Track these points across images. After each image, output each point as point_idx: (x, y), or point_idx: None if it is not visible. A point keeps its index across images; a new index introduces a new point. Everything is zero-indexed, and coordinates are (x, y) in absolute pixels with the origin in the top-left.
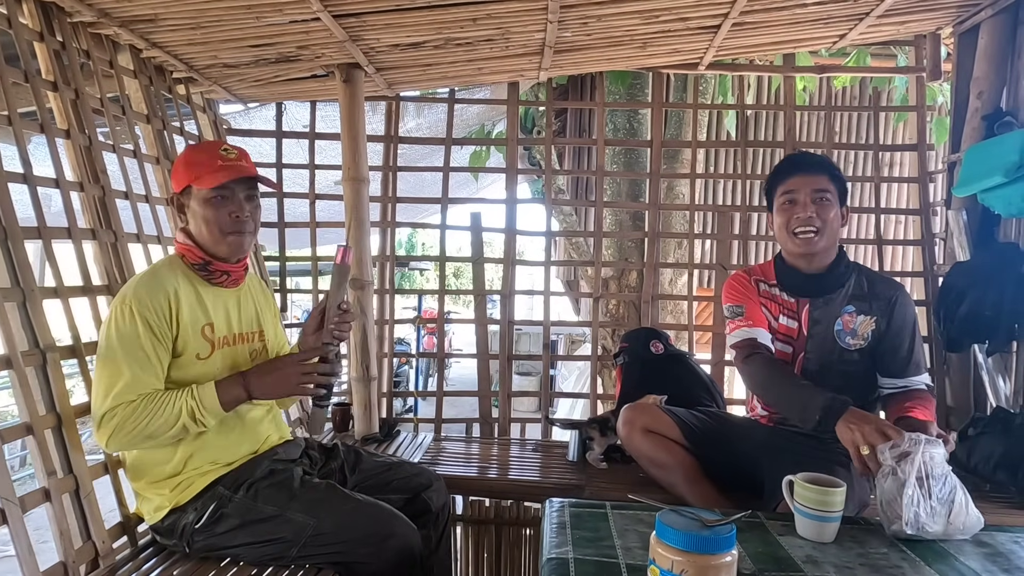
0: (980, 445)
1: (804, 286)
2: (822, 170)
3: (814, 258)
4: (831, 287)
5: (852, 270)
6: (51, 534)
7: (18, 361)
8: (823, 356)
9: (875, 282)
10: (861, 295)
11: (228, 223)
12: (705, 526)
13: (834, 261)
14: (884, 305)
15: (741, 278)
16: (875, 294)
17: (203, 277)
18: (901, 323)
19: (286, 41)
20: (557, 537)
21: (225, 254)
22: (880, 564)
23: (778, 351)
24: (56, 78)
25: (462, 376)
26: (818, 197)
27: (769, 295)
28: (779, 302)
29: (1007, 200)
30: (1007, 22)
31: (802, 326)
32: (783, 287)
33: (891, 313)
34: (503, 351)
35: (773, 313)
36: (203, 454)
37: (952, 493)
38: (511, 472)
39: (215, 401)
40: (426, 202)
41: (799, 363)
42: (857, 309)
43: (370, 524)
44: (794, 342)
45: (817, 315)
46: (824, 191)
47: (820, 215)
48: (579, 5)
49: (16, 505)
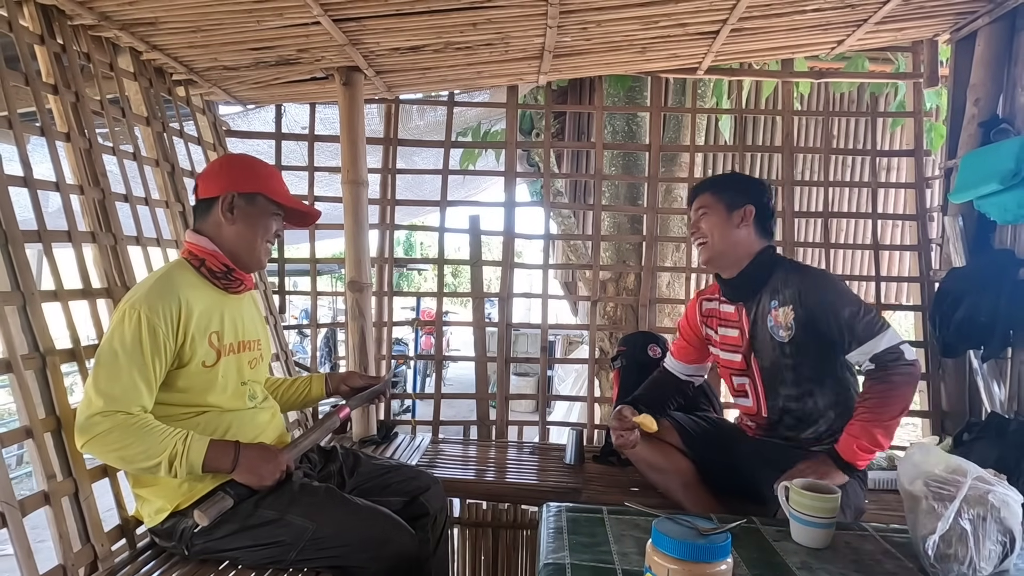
0: (975, 450)
1: (732, 291)
2: (705, 190)
3: (717, 264)
4: (754, 287)
5: (774, 267)
6: (48, 535)
7: (18, 365)
8: (769, 354)
9: (790, 272)
10: (780, 288)
11: (273, 238)
12: (700, 534)
13: (750, 263)
14: (794, 293)
15: (691, 305)
16: (788, 284)
17: (220, 285)
18: (815, 303)
19: (286, 44)
20: (554, 542)
21: (252, 265)
22: (874, 571)
23: (727, 361)
24: (56, 80)
25: (460, 377)
26: (700, 214)
27: (711, 311)
28: (720, 316)
29: (1003, 207)
30: (1004, 29)
31: (744, 331)
32: (724, 297)
33: (800, 298)
34: (501, 353)
35: (713, 327)
36: None
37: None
38: (508, 475)
39: (200, 457)
40: (425, 204)
41: (754, 365)
42: (779, 302)
43: (368, 529)
44: (740, 348)
45: (753, 316)
46: (702, 207)
47: (701, 228)
48: (579, 11)
49: (16, 508)
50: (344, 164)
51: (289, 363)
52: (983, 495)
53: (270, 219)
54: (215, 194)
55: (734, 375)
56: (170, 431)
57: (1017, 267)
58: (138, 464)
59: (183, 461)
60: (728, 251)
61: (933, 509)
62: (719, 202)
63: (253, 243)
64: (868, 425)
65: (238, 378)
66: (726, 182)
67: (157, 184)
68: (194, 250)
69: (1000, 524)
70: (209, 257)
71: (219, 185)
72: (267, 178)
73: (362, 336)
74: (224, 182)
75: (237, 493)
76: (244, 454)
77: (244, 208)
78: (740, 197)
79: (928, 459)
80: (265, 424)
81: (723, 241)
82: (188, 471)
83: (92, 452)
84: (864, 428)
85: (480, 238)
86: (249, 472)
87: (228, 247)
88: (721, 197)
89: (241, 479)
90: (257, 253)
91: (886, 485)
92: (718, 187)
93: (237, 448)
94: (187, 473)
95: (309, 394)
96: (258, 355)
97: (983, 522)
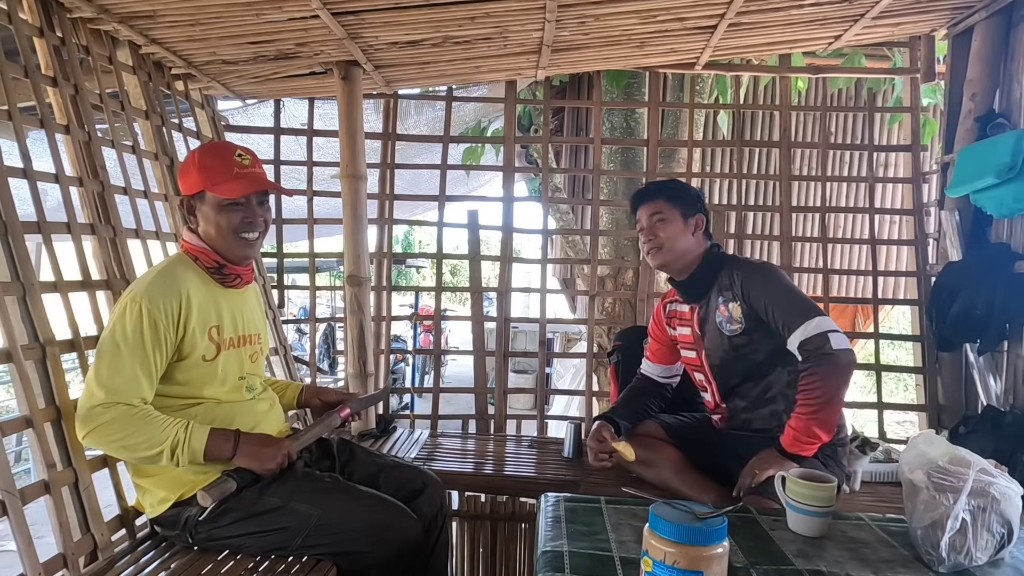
0: (971, 443)
1: (684, 293)
2: (659, 196)
3: (670, 269)
4: (704, 286)
5: (722, 265)
6: (48, 529)
7: (18, 355)
8: (718, 349)
9: (734, 269)
10: (727, 284)
11: (242, 227)
12: (697, 518)
13: (699, 265)
14: (739, 288)
15: (658, 308)
16: (733, 280)
17: (217, 280)
18: (755, 296)
19: (285, 38)
20: (552, 531)
21: (238, 258)
22: (870, 558)
23: (686, 358)
24: (56, 73)
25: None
26: (655, 220)
27: (672, 312)
28: (678, 316)
29: (999, 201)
30: (1000, 24)
31: (695, 328)
32: (680, 297)
33: (743, 293)
34: (499, 348)
35: (674, 327)
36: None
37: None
38: (507, 468)
39: (201, 445)
40: (424, 199)
41: (704, 361)
42: (725, 298)
43: (372, 515)
44: (694, 345)
45: (703, 314)
46: (658, 212)
47: (659, 234)
48: (577, 5)
49: (16, 497)
50: (343, 158)
51: (288, 358)
52: (985, 487)
53: (227, 212)
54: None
55: (694, 371)
56: (171, 420)
57: (1013, 261)
58: (140, 453)
59: (185, 449)
60: (682, 256)
61: (934, 499)
62: (674, 209)
63: (227, 237)
64: (804, 419)
65: (238, 372)
66: (678, 191)
67: (156, 178)
68: (188, 248)
69: (1000, 516)
70: (201, 255)
71: (182, 189)
72: (209, 171)
73: (361, 330)
74: (181, 186)
75: (241, 478)
76: (244, 440)
77: (201, 208)
78: (692, 207)
79: (932, 449)
80: (263, 414)
81: (680, 247)
82: (190, 459)
83: (94, 443)
84: (800, 421)
85: (479, 233)
86: (250, 457)
87: (210, 244)
88: (675, 205)
89: (243, 464)
90: (231, 246)
91: (882, 478)
92: (671, 195)
93: (237, 436)
94: (189, 461)
95: (281, 399)
96: (258, 348)
97: (983, 513)
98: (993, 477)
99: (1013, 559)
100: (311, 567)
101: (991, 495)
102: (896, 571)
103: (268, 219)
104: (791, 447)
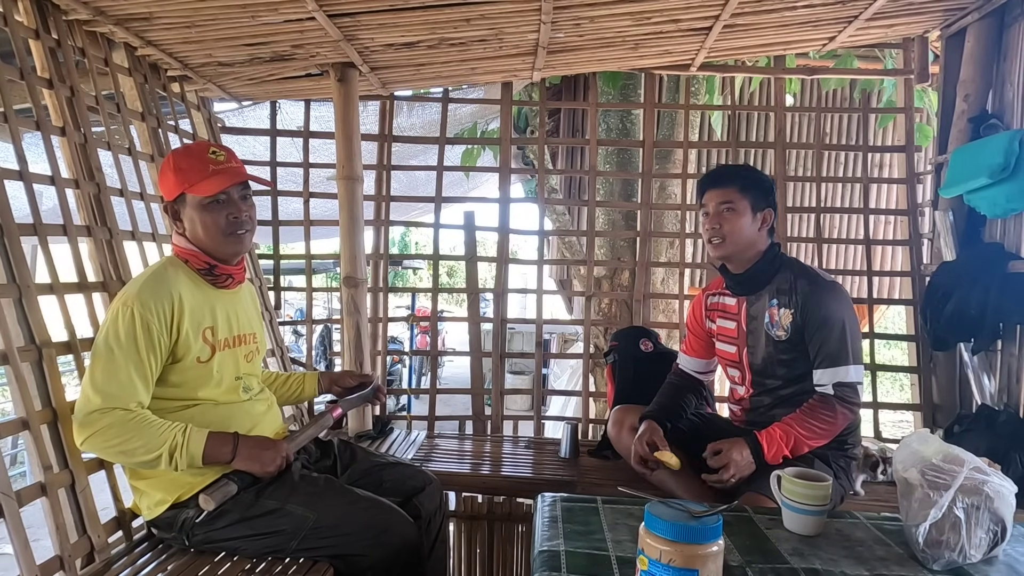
0: (965, 442)
1: (736, 285)
2: (731, 183)
3: (730, 261)
4: (759, 284)
5: (781, 266)
6: (44, 531)
7: (14, 357)
8: (761, 349)
9: (799, 277)
10: (785, 289)
11: (228, 225)
12: (692, 516)
13: (759, 261)
14: (801, 299)
15: (698, 300)
16: (795, 288)
17: (208, 281)
18: (814, 317)
19: (281, 40)
20: (549, 530)
21: (227, 256)
22: (865, 556)
23: (721, 351)
24: (51, 75)
25: (455, 375)
26: (723, 209)
27: (715, 305)
28: (721, 308)
29: (992, 201)
30: (993, 26)
31: (741, 323)
32: (729, 288)
33: (804, 307)
34: (496, 349)
35: (714, 320)
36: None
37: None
38: (504, 468)
39: (199, 448)
40: (420, 201)
41: (745, 359)
42: (780, 303)
43: (368, 518)
44: (735, 340)
45: (752, 311)
46: (728, 203)
47: (723, 225)
48: (572, 6)
49: (12, 499)
50: (339, 160)
51: (285, 359)
52: (978, 485)
53: (211, 211)
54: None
55: (728, 366)
56: (169, 424)
57: (1006, 260)
58: (139, 458)
59: (183, 452)
60: (745, 250)
61: (927, 497)
62: (744, 200)
63: (213, 237)
64: (801, 440)
65: (233, 372)
66: (754, 180)
67: (152, 179)
68: (179, 251)
69: (993, 514)
70: (191, 257)
71: (163, 194)
72: (185, 172)
73: (357, 331)
74: (162, 192)
75: (241, 480)
76: (243, 443)
77: (184, 210)
78: (764, 200)
79: (926, 448)
80: (260, 415)
81: (744, 240)
82: (188, 463)
83: (92, 448)
84: (794, 440)
85: (475, 234)
86: (249, 459)
87: (199, 246)
88: (747, 196)
89: (242, 467)
90: (219, 245)
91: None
92: (746, 184)
93: (236, 438)
94: (187, 465)
95: (303, 392)
96: (254, 348)
97: (976, 511)
98: (986, 475)
99: (1007, 556)
100: (307, 569)
101: (985, 493)
102: (891, 569)
103: (253, 214)
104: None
